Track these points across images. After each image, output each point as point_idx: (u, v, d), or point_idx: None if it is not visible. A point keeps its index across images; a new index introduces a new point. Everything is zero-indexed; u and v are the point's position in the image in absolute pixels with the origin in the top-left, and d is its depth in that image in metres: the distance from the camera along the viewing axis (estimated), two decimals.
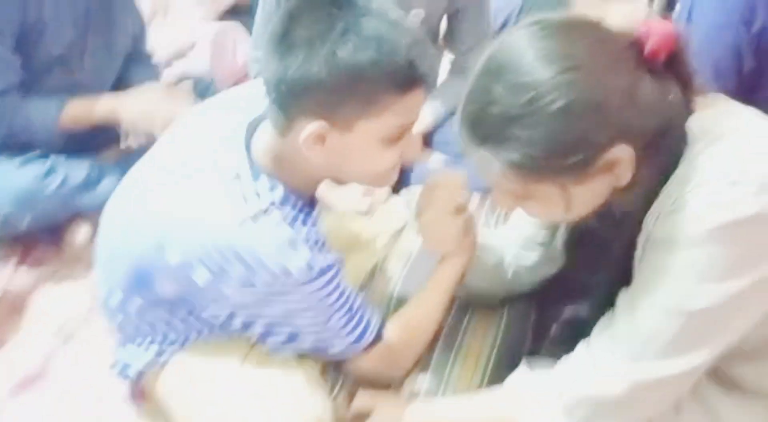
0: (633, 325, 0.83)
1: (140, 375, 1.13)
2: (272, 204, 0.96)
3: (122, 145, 1.54)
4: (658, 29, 0.79)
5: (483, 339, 1.13)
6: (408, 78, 0.90)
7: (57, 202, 1.50)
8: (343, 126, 0.92)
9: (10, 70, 1.47)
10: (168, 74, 2.06)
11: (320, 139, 0.93)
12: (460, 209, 1.08)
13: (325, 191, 1.59)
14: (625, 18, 1.84)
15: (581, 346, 0.89)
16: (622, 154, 0.78)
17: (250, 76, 1.78)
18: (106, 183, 1.55)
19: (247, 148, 1.00)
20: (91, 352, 1.32)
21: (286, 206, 0.97)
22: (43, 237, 1.56)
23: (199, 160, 1.00)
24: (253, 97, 1.05)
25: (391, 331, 1.06)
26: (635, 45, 0.80)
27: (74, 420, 1.20)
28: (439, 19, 1.74)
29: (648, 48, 0.79)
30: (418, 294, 1.12)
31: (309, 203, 1.04)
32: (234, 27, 2.40)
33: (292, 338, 1.02)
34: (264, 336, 1.03)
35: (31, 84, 1.50)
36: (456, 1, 1.72)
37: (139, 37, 1.78)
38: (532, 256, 1.13)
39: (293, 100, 0.91)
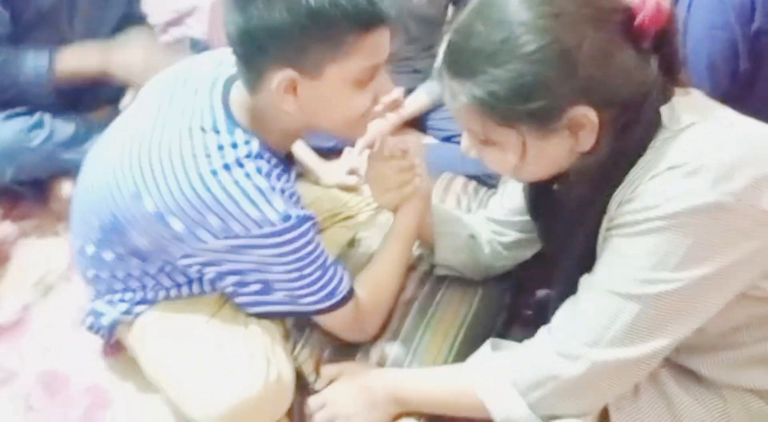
0: (592, 310, 0.84)
1: (110, 330, 1.15)
2: (247, 156, 0.97)
3: (122, 105, 1.53)
4: (651, 3, 0.79)
5: (455, 314, 1.14)
6: (370, 15, 0.89)
7: (41, 157, 1.49)
8: (312, 72, 0.92)
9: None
10: (164, 41, 2.04)
11: (291, 88, 0.93)
12: (399, 158, 1.09)
13: (313, 165, 1.61)
14: None
15: (543, 330, 0.91)
16: (586, 114, 0.79)
17: None
18: (93, 142, 1.54)
19: (225, 102, 1.01)
20: (68, 306, 1.33)
21: (261, 159, 0.98)
22: (28, 192, 1.56)
23: (176, 114, 1.01)
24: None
25: (358, 291, 1.07)
26: (627, 14, 0.80)
27: (47, 371, 1.21)
28: (444, 7, 1.74)
29: (638, 19, 0.79)
30: (377, 251, 1.13)
31: (285, 161, 1.05)
32: None
33: (263, 291, 1.03)
34: (235, 292, 1.05)
35: (19, 40, 1.48)
36: None
37: None
38: (510, 233, 1.14)
39: (258, 51, 0.92)
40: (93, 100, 1.64)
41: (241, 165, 0.96)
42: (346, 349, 1.11)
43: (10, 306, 1.32)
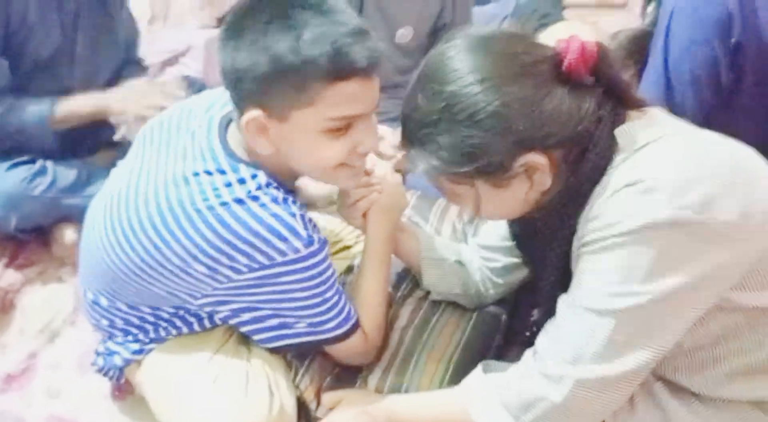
0: (570, 329, 0.85)
1: (120, 371, 1.16)
2: (258, 188, 0.98)
3: (117, 137, 1.55)
4: (575, 46, 0.83)
5: (449, 338, 1.15)
6: (336, 65, 0.89)
7: (44, 205, 1.52)
8: (279, 116, 0.93)
9: None
10: (160, 80, 2.08)
11: (262, 129, 0.95)
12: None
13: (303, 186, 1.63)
14: (618, 26, 1.87)
15: (528, 352, 0.92)
16: (535, 160, 0.83)
17: None
18: (95, 186, 1.56)
19: (223, 142, 1.02)
20: (74, 351, 1.35)
21: (272, 188, 0.99)
22: (31, 238, 1.59)
23: (177, 160, 1.03)
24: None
25: (360, 314, 1.09)
26: (554, 60, 0.84)
27: (55, 417, 1.23)
28: (429, 36, 1.76)
29: (565, 64, 0.83)
30: (358, 274, 1.14)
31: (291, 192, 1.05)
32: None
33: (284, 325, 1.04)
34: (253, 329, 1.05)
35: (20, 90, 1.52)
36: (442, 17, 1.75)
37: (132, 45, 1.80)
38: (500, 259, 1.16)
39: (233, 90, 0.95)
40: (93, 144, 1.68)
41: (254, 198, 0.97)
42: (345, 377, 1.13)
43: (17, 354, 1.34)
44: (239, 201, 0.96)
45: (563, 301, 0.88)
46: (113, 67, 1.71)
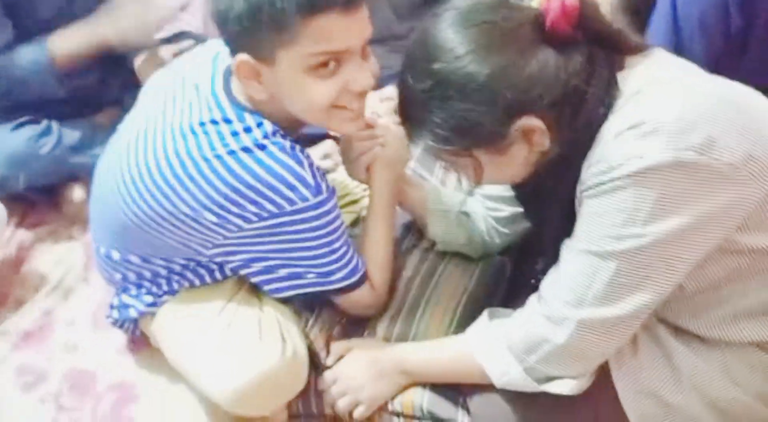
0: (572, 271, 0.87)
1: (134, 323, 1.19)
2: (264, 137, 0.99)
3: (137, 63, 1.54)
4: (556, 4, 0.83)
5: (455, 287, 1.17)
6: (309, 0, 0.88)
7: (51, 164, 1.53)
8: (266, 58, 0.93)
9: (2, 31, 1.47)
10: (160, 37, 2.06)
11: (253, 73, 0.95)
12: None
13: None
14: None
15: (533, 296, 0.94)
16: (530, 124, 0.84)
17: None
18: (101, 145, 1.58)
19: (228, 92, 1.03)
20: (88, 307, 1.37)
21: (278, 136, 0.99)
22: (40, 198, 1.60)
23: (184, 112, 1.03)
24: None
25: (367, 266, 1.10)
26: (537, 21, 0.84)
27: (74, 370, 1.26)
28: None
29: (547, 23, 0.83)
30: (363, 226, 1.15)
31: (297, 141, 1.05)
32: None
33: (294, 275, 1.05)
34: (263, 279, 1.07)
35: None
36: None
37: None
38: (505, 208, 1.17)
39: (222, 34, 0.95)
40: (97, 102, 1.67)
41: (261, 146, 0.97)
42: (353, 326, 1.15)
43: (33, 311, 1.37)
44: (247, 149, 0.97)
45: (566, 246, 0.89)
46: None
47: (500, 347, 0.94)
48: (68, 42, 1.50)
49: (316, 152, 1.59)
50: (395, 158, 1.14)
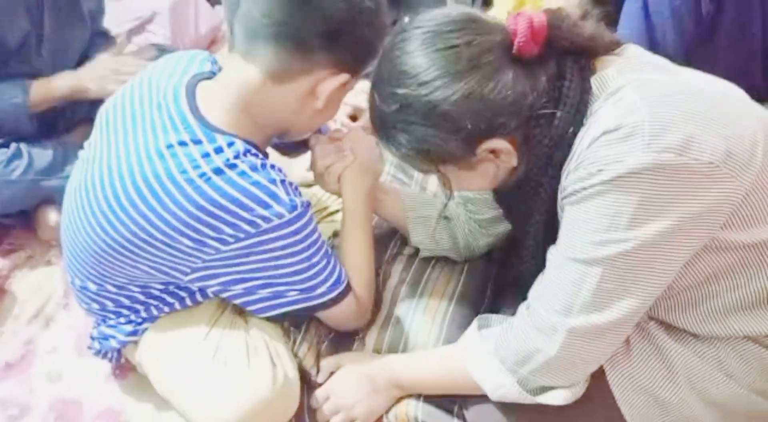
0: (559, 279, 0.86)
1: (117, 352, 1.16)
2: (236, 156, 0.97)
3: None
4: (523, 27, 0.82)
5: (442, 292, 1.16)
6: None
7: (24, 188, 1.49)
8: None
9: None
10: (128, 51, 2.03)
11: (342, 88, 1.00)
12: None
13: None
14: None
15: (522, 306, 0.93)
16: (496, 146, 0.85)
17: (225, 45, 1.78)
18: (72, 165, 1.54)
19: (194, 110, 1.00)
20: (70, 334, 1.35)
21: (250, 155, 0.98)
22: (14, 223, 1.57)
23: (149, 135, 0.99)
24: (192, 58, 1.08)
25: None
26: (505, 43, 0.84)
27: (59, 401, 1.23)
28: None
29: (515, 47, 0.83)
30: (341, 238, 1.14)
31: (266, 156, 1.05)
32: None
33: (276, 295, 1.04)
34: (245, 301, 1.05)
35: None
36: None
37: (96, 17, 1.74)
38: (486, 211, 1.16)
39: (323, 50, 0.95)
40: (68, 122, 1.65)
41: (233, 166, 0.96)
42: (342, 340, 1.13)
43: (14, 340, 1.34)
44: (218, 170, 0.95)
45: (551, 254, 0.88)
46: (81, 44, 1.66)
47: (493, 361, 0.92)
48: (48, 89, 1.51)
49: (299, 163, 1.57)
50: (366, 165, 1.13)
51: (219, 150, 0.96)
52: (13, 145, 1.51)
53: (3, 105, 1.48)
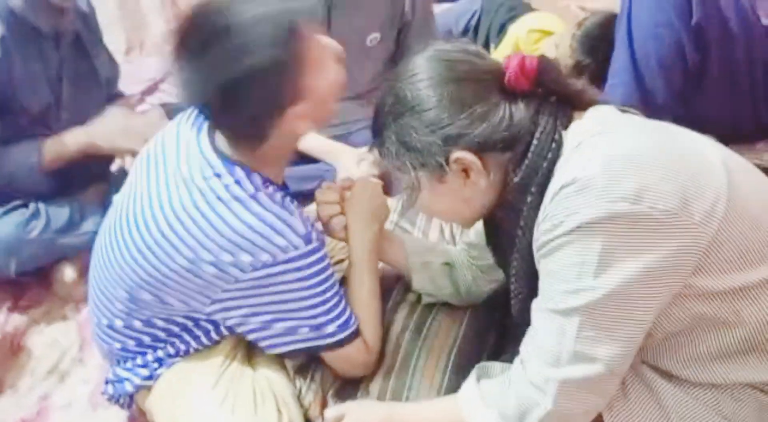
0: (543, 332, 0.88)
1: (130, 398, 1.19)
2: (256, 189, 1.03)
3: (114, 168, 1.58)
4: (514, 63, 0.90)
5: (445, 338, 1.17)
6: None
7: (41, 246, 1.55)
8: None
9: None
10: (141, 110, 2.10)
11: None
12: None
13: (330, 147, 1.73)
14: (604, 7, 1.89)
15: (516, 360, 0.94)
16: (465, 157, 0.90)
17: None
18: (88, 223, 1.61)
19: (215, 147, 1.06)
20: (84, 388, 1.38)
21: (268, 188, 1.05)
22: (31, 280, 1.62)
23: (174, 170, 1.07)
24: None
25: None
26: (499, 73, 0.91)
27: None
28: (395, 40, 1.80)
29: (506, 78, 0.90)
30: (348, 286, 1.16)
31: (284, 189, 1.11)
32: None
33: (289, 331, 1.08)
34: (259, 336, 1.09)
35: (8, 141, 1.54)
36: (404, 16, 1.79)
37: (112, 81, 1.83)
38: (488, 256, 1.17)
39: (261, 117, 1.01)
40: (83, 181, 1.70)
41: (253, 197, 1.02)
42: (347, 388, 1.15)
43: (29, 396, 1.37)
44: (238, 199, 1.02)
45: (534, 306, 0.91)
46: (98, 107, 1.70)
47: (493, 417, 0.94)
48: (60, 147, 1.56)
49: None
50: (371, 212, 1.18)
51: (239, 182, 1.04)
52: (32, 205, 1.57)
53: (20, 166, 1.54)
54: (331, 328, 1.08)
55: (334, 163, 1.74)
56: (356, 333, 1.10)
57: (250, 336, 1.11)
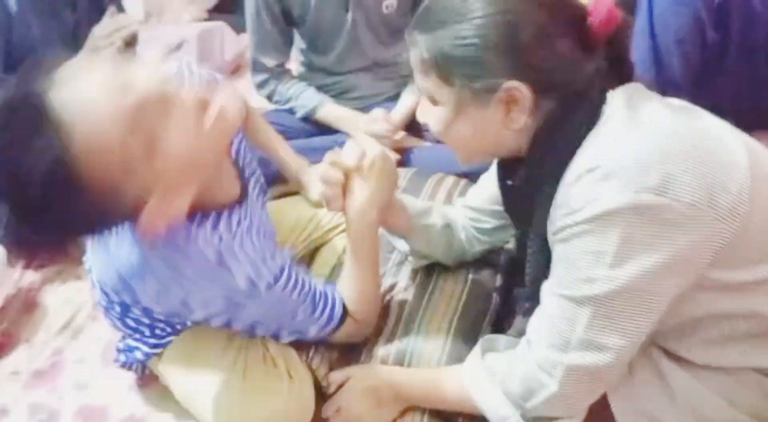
0: (554, 316, 0.86)
1: (142, 364, 1.22)
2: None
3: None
4: (604, 10, 0.84)
5: (447, 303, 1.19)
6: None
7: None
8: None
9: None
10: None
11: None
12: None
13: (349, 116, 1.74)
14: None
15: (523, 341, 0.93)
16: (520, 89, 0.84)
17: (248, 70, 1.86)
18: None
19: None
20: (98, 344, 1.41)
21: (204, 228, 0.97)
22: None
23: None
24: None
25: (348, 303, 1.12)
26: (581, 12, 0.85)
27: (85, 407, 1.28)
28: (412, 6, 1.78)
29: (589, 21, 0.85)
30: (345, 261, 1.15)
31: (236, 203, 1.03)
32: (219, 26, 2.46)
33: (274, 334, 1.11)
34: (247, 333, 1.12)
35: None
36: None
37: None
38: (489, 220, 1.18)
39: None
40: None
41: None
42: (352, 351, 1.18)
43: (44, 351, 1.40)
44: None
45: (545, 289, 0.89)
46: None
47: (497, 393, 0.94)
48: None
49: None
50: (377, 197, 1.09)
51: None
52: None
53: None
54: (313, 330, 1.10)
55: (350, 131, 1.74)
56: (339, 324, 1.11)
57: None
